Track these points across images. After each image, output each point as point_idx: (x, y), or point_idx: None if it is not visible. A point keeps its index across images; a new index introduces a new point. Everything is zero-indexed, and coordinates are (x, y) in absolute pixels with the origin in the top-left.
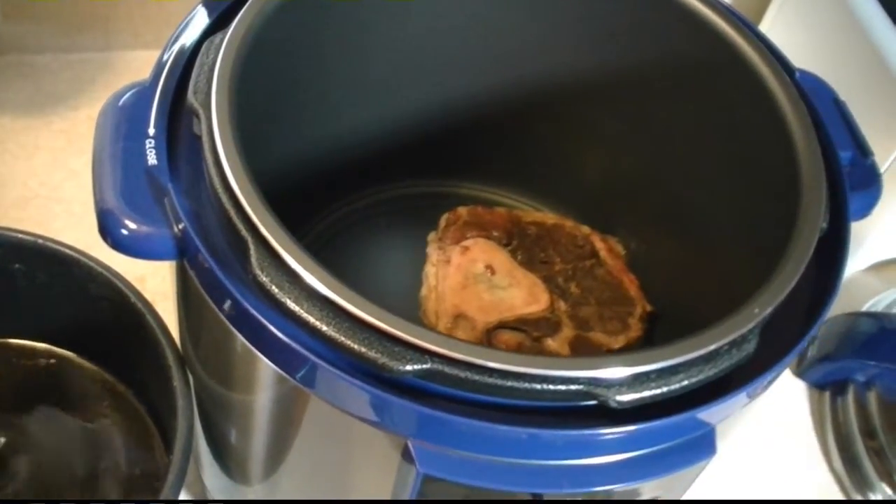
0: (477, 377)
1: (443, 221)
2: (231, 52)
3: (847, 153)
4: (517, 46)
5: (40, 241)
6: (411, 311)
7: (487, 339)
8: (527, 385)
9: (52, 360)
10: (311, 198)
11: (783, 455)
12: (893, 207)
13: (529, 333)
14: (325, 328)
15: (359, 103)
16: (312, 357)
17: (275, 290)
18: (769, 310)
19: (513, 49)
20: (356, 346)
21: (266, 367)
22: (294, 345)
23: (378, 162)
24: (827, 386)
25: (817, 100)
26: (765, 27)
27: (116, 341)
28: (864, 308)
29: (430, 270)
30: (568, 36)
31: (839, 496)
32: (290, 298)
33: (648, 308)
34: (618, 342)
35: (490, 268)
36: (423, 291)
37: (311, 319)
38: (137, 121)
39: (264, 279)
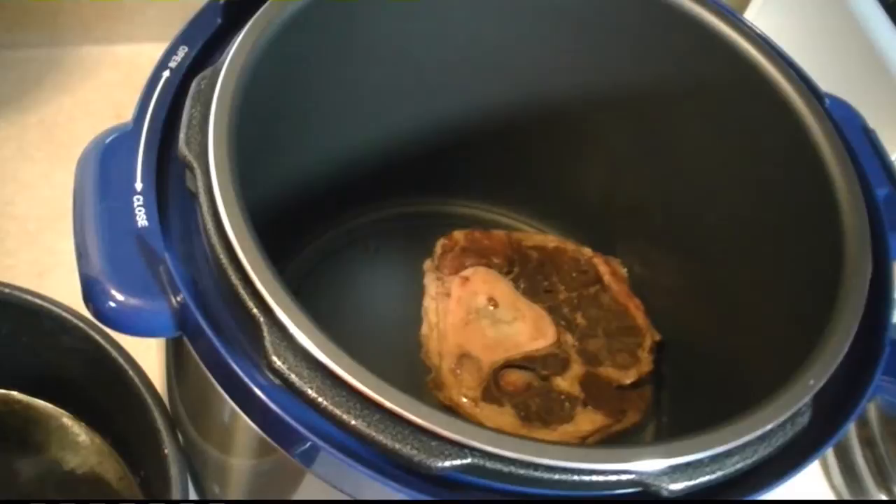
0: (522, 471)
1: (438, 248)
2: (226, 98)
3: (883, 190)
4: (519, 60)
5: (6, 290)
6: (411, 350)
7: (494, 379)
8: (576, 478)
9: (17, 406)
10: (295, 221)
11: None
12: None
13: (538, 372)
14: (353, 422)
15: (350, 123)
16: (336, 452)
17: (294, 378)
18: (824, 380)
19: (514, 63)
20: (388, 442)
21: (278, 453)
22: (316, 439)
23: (366, 181)
24: None
25: (848, 129)
26: (751, 14)
27: (94, 394)
28: None
29: (429, 305)
30: (576, 51)
31: None
32: (311, 388)
33: (657, 338)
34: (629, 377)
35: (492, 300)
36: (424, 330)
37: (337, 412)
38: (122, 173)
39: (281, 366)
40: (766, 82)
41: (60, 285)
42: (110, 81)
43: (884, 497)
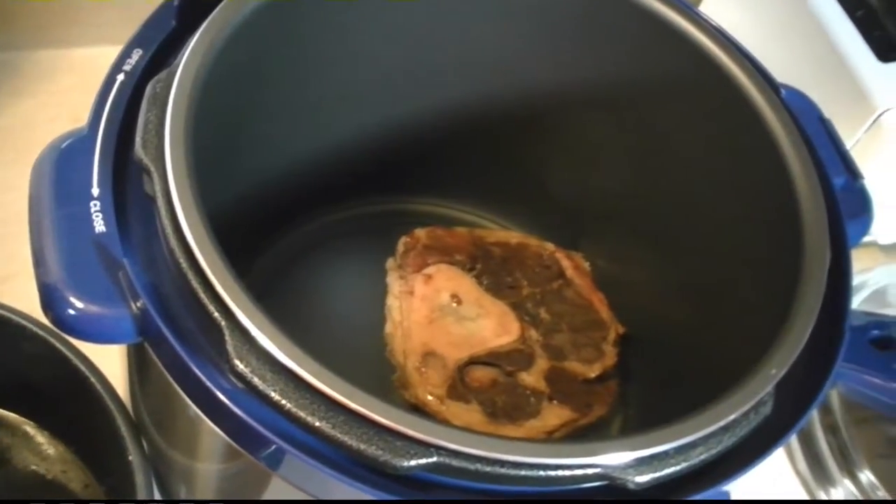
0: (489, 469)
1: (401, 246)
2: (182, 101)
3: (840, 179)
4: (482, 60)
5: None
6: (376, 349)
7: (460, 376)
8: (541, 473)
9: None
10: (255, 224)
11: None
12: None
13: (503, 368)
14: (317, 423)
15: (309, 123)
16: (301, 455)
17: (257, 381)
18: (786, 369)
19: (476, 63)
20: (354, 443)
21: (243, 457)
22: (281, 442)
23: (327, 181)
24: None
25: (804, 120)
26: (705, 7)
27: (57, 402)
28: None
29: (392, 303)
30: (541, 49)
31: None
32: (275, 391)
33: (621, 330)
34: (594, 370)
35: (456, 297)
36: (388, 328)
37: (302, 414)
38: (78, 179)
39: (244, 369)
40: (724, 76)
41: (21, 292)
42: (68, 85)
43: (847, 482)
